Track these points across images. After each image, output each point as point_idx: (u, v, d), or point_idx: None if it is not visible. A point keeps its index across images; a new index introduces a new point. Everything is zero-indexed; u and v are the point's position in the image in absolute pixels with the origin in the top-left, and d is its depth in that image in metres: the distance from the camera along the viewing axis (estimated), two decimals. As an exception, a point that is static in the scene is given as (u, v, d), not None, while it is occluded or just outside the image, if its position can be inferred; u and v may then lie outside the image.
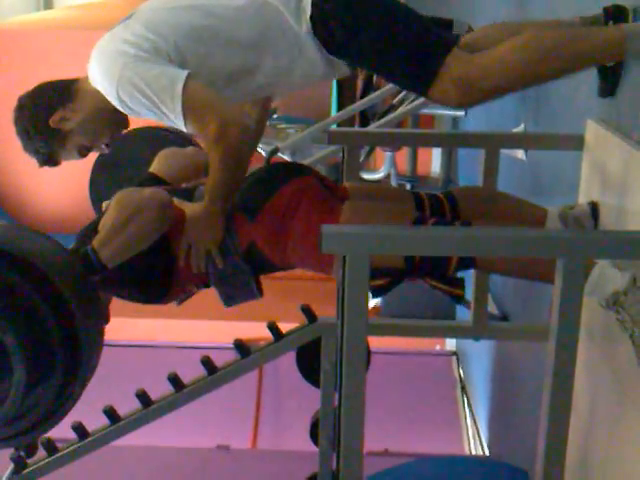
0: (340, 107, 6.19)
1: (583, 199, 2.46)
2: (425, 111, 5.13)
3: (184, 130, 2.05)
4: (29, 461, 2.65)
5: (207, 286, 2.35)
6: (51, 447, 2.64)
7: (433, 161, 6.68)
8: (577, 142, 2.49)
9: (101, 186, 2.90)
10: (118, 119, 2.25)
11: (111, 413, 2.59)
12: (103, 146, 2.28)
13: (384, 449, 4.99)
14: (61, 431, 2.78)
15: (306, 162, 4.40)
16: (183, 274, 2.23)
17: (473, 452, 5.22)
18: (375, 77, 5.64)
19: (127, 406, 2.65)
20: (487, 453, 4.90)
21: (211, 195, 2.08)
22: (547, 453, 1.68)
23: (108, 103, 2.14)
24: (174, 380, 2.62)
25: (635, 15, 2.22)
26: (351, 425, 1.69)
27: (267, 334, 2.79)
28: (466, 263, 2.15)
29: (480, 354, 5.04)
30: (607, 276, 1.99)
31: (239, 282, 2.25)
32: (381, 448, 4.96)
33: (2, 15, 8.03)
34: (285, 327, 2.82)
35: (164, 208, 2.06)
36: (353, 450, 1.71)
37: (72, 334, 1.67)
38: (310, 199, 2.23)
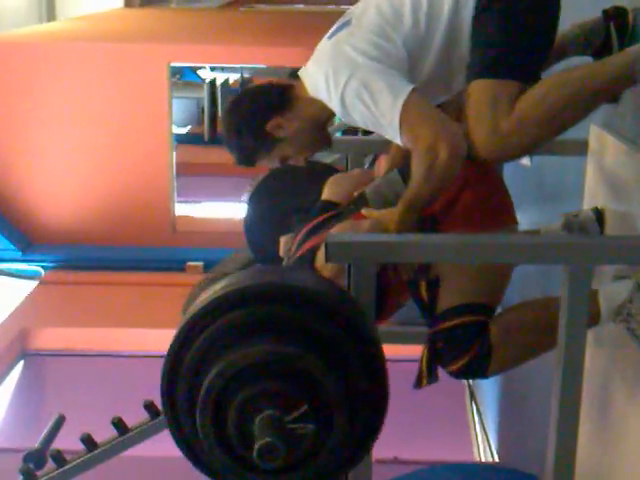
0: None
1: (588, 204, 2.46)
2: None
3: (400, 143, 2.00)
4: (38, 473, 2.65)
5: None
6: (60, 459, 2.65)
7: (437, 167, 6.68)
8: (581, 147, 2.49)
9: (258, 225, 2.86)
10: (326, 134, 2.24)
11: (119, 424, 2.60)
12: (302, 159, 2.26)
13: (393, 457, 4.98)
14: (69, 443, 2.79)
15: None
16: (394, 286, 2.23)
17: (482, 459, 5.21)
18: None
19: (135, 417, 2.65)
20: (496, 459, 4.89)
21: (409, 205, 2.01)
22: (557, 459, 1.68)
23: (321, 115, 2.14)
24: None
25: (636, 16, 2.23)
26: (360, 434, 1.68)
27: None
28: (473, 370, 2.14)
29: (488, 360, 5.03)
30: (611, 294, 1.99)
31: None
32: (390, 456, 4.96)
33: (5, 27, 8.06)
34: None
35: None
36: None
37: (379, 384, 1.63)
38: (479, 191, 2.24)
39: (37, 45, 7.20)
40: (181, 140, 9.28)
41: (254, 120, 2.16)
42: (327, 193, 2.41)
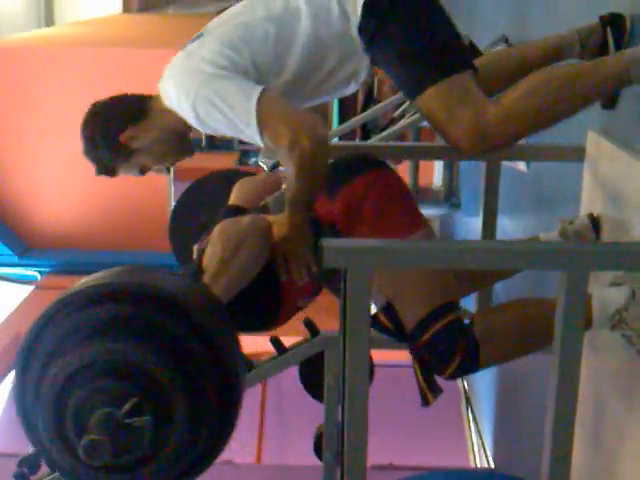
0: (341, 121, 6.21)
1: (585, 211, 2.46)
2: (426, 124, 5.12)
3: (260, 145, 2.04)
4: (32, 478, 2.64)
5: (317, 292, 2.35)
6: (55, 464, 2.63)
7: (435, 174, 6.68)
8: (578, 153, 2.49)
9: (181, 231, 2.92)
10: (185, 144, 2.27)
11: (115, 429, 2.59)
12: (164, 168, 2.29)
13: (389, 462, 4.97)
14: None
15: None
16: (289, 290, 2.23)
17: (478, 464, 5.21)
18: (376, 90, 5.64)
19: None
20: (492, 465, 4.88)
21: (292, 205, 2.05)
22: (552, 465, 1.67)
23: (178, 126, 2.16)
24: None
25: (633, 22, 2.23)
26: (355, 439, 1.68)
27: (270, 348, 2.79)
28: (467, 368, 2.14)
29: (484, 366, 5.03)
30: (606, 300, 1.99)
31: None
32: (385, 461, 4.95)
33: (3, 32, 8.06)
34: (288, 341, 2.81)
35: (265, 233, 2.05)
36: (357, 464, 1.70)
37: (226, 373, 1.65)
38: (384, 194, 2.23)
39: (36, 49, 7.21)
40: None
41: (108, 132, 2.19)
42: (233, 198, 2.43)
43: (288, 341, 2.81)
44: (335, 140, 4.88)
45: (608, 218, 2.30)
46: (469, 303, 2.70)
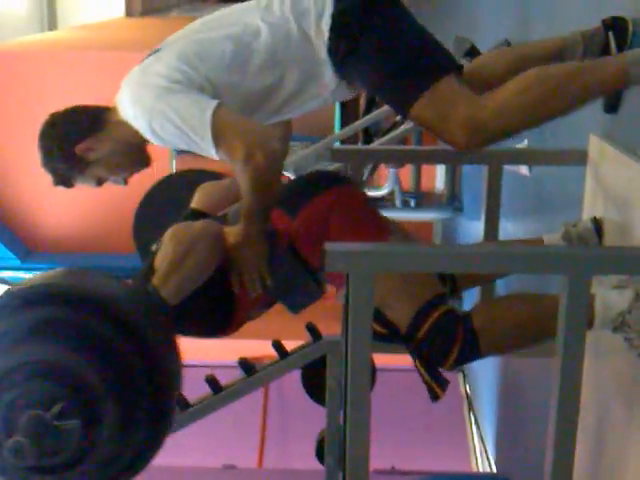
0: (343, 124, 6.20)
1: (587, 215, 2.46)
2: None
3: (215, 158, 2.05)
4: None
5: (270, 305, 2.35)
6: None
7: (437, 177, 6.69)
8: (580, 157, 2.48)
9: (145, 231, 2.92)
10: (141, 156, 2.28)
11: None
12: (121, 180, 2.29)
13: (391, 467, 4.97)
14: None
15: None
16: (243, 300, 2.23)
17: (480, 469, 5.20)
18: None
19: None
20: (494, 470, 4.88)
21: (247, 218, 2.08)
22: (555, 470, 1.67)
23: (135, 138, 2.16)
24: (179, 399, 2.61)
25: (635, 26, 2.23)
26: (357, 443, 1.68)
27: (272, 352, 2.79)
28: (467, 356, 2.14)
29: (487, 371, 5.03)
30: (609, 302, 1.99)
31: (298, 285, 2.25)
32: (388, 466, 4.95)
33: (6, 36, 8.07)
34: (290, 345, 2.81)
35: (217, 238, 2.07)
36: (359, 468, 1.70)
37: (159, 377, 1.65)
38: (348, 209, 2.26)
39: (39, 53, 7.22)
40: (181, 149, 9.28)
41: (64, 143, 2.20)
42: (194, 201, 2.45)
43: (290, 345, 2.81)
44: (337, 144, 4.88)
45: (611, 222, 2.30)
46: (471, 297, 2.70)
